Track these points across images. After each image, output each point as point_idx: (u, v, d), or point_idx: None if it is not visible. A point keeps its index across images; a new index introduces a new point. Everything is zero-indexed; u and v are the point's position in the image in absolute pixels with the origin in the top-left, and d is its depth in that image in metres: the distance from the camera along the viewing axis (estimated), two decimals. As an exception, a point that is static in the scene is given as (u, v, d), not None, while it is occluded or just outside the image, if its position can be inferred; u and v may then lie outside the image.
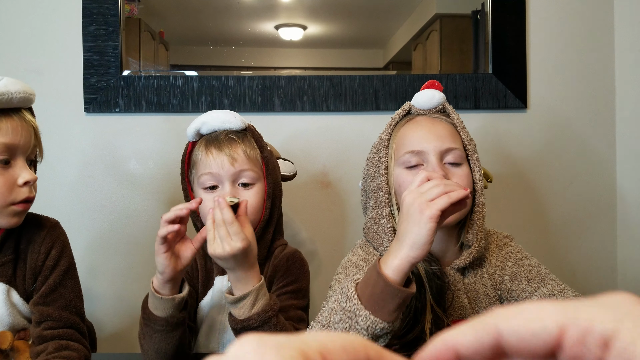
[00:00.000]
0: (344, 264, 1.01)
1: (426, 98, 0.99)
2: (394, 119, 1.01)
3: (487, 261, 0.98)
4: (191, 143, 1.08)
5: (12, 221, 0.91)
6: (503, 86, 1.46)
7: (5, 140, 0.87)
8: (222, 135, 1.02)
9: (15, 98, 0.88)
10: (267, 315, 0.88)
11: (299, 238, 1.46)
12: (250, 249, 0.88)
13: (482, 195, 0.94)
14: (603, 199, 1.52)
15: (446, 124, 0.98)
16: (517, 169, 1.50)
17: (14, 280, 0.95)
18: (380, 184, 0.96)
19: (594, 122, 1.51)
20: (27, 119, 0.92)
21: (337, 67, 1.49)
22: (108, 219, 1.42)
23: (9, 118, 0.88)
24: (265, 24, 1.46)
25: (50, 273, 0.96)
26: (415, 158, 0.94)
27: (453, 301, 0.95)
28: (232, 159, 0.99)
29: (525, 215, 1.50)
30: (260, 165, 1.04)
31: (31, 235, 0.97)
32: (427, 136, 0.95)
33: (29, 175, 0.90)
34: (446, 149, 0.94)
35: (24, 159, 0.92)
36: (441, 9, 1.48)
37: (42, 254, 0.96)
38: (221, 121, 1.03)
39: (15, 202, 0.90)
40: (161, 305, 0.88)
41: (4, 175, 0.88)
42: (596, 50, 1.51)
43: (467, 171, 0.95)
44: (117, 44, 1.40)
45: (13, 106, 0.89)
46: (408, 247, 0.76)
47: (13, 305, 0.94)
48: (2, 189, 0.88)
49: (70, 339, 0.94)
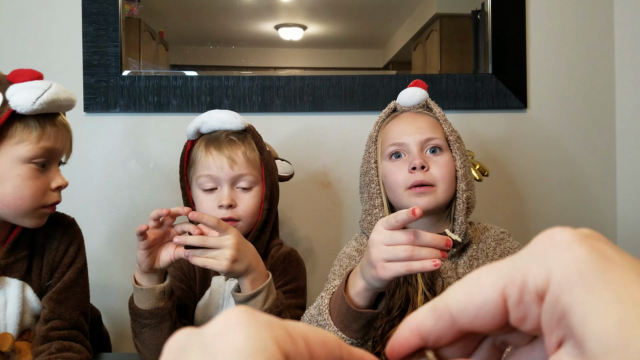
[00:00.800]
0: (339, 256, 1.05)
1: (408, 95, 1.06)
2: (381, 117, 1.07)
3: (483, 253, 1.01)
4: (190, 141, 1.08)
5: (38, 222, 0.93)
6: (503, 86, 1.46)
7: (48, 145, 0.89)
8: (223, 136, 1.02)
9: (63, 105, 0.90)
10: (277, 311, 0.89)
11: (298, 238, 1.46)
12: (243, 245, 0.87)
13: (462, 181, 0.99)
14: (603, 199, 1.52)
15: (428, 118, 1.04)
16: (517, 169, 1.50)
17: (29, 277, 0.96)
18: (371, 177, 1.02)
19: (593, 122, 1.51)
20: (67, 125, 0.94)
21: (337, 67, 1.49)
22: (108, 219, 1.42)
23: (53, 123, 0.90)
24: (265, 24, 1.46)
25: (66, 270, 0.98)
26: (398, 149, 1.00)
27: (444, 287, 0.97)
28: (231, 162, 0.99)
29: (525, 215, 1.50)
30: (259, 168, 1.04)
31: (49, 232, 0.98)
32: (408, 129, 1.01)
33: (61, 180, 0.92)
34: (426, 139, 0.99)
35: (57, 163, 0.94)
36: (441, 9, 1.48)
37: (61, 250, 0.98)
38: (221, 121, 1.03)
39: (46, 205, 0.91)
40: (143, 297, 0.89)
41: (40, 179, 0.89)
42: (596, 50, 1.51)
43: (447, 159, 1.00)
44: (117, 44, 1.40)
45: (58, 111, 0.92)
46: (365, 282, 0.76)
47: (26, 302, 0.95)
48: (38, 192, 0.89)
49: (75, 340, 0.95)
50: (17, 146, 0.87)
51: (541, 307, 0.21)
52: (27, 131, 0.87)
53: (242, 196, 1.01)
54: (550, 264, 0.21)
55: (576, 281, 0.20)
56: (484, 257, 1.01)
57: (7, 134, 0.86)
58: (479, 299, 0.23)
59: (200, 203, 1.03)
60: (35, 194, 0.89)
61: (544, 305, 0.21)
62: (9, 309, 0.93)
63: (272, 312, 0.88)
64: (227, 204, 0.99)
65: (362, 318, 0.76)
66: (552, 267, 0.21)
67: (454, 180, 0.99)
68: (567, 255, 0.21)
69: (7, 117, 0.84)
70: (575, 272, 0.20)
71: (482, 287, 0.23)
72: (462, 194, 0.99)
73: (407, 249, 0.70)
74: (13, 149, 0.86)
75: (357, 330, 0.77)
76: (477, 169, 1.23)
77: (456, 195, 1.00)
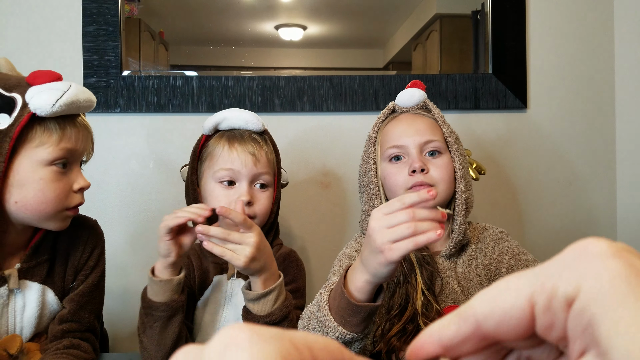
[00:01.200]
0: (339, 256, 1.05)
1: (407, 96, 1.06)
2: (380, 118, 1.07)
3: (482, 253, 1.02)
4: (205, 136, 1.08)
5: (62, 225, 0.92)
6: (503, 86, 1.46)
7: (69, 146, 0.88)
8: (247, 135, 1.03)
9: (83, 106, 0.89)
10: (287, 310, 0.90)
11: (298, 238, 1.46)
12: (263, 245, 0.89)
13: (461, 183, 0.99)
14: (603, 199, 1.52)
15: (426, 119, 1.04)
16: (516, 169, 1.50)
17: (51, 279, 0.96)
18: (370, 178, 1.02)
19: (594, 123, 1.51)
20: (87, 125, 0.93)
21: (337, 67, 1.49)
22: (107, 219, 1.41)
23: (73, 124, 0.89)
24: (265, 24, 1.46)
25: (90, 272, 0.99)
26: (397, 151, 1.00)
27: (443, 287, 0.98)
28: (255, 159, 1.01)
29: (525, 215, 1.50)
30: (275, 170, 1.07)
31: (72, 234, 0.98)
32: (407, 131, 1.01)
33: (84, 182, 0.92)
34: (425, 141, 1.00)
35: (79, 164, 0.93)
36: (441, 9, 1.48)
37: (86, 252, 0.99)
38: (244, 120, 1.04)
39: (69, 208, 0.91)
40: (161, 289, 0.89)
41: (62, 181, 0.89)
42: (596, 50, 1.51)
43: (446, 161, 1.00)
44: (117, 44, 1.40)
45: (78, 112, 0.91)
46: (369, 274, 0.75)
47: (45, 305, 0.95)
48: (61, 194, 0.88)
49: (86, 340, 0.96)
50: (37, 149, 0.86)
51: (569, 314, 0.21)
52: (47, 134, 0.86)
53: (259, 195, 1.03)
54: (583, 272, 0.21)
55: (607, 293, 0.20)
56: (482, 257, 1.01)
57: (27, 137, 0.85)
58: (506, 304, 0.22)
59: (216, 197, 1.02)
60: (59, 196, 0.88)
61: (570, 312, 0.21)
62: (27, 312, 0.93)
63: (281, 312, 0.90)
64: (247, 200, 1.00)
65: (362, 312, 0.77)
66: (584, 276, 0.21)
67: (452, 182, 1.00)
68: (601, 266, 0.21)
69: (27, 121, 0.83)
70: (608, 283, 0.20)
71: (509, 293, 0.23)
72: (461, 195, 0.99)
73: (409, 226, 0.71)
74: (34, 152, 0.85)
75: (357, 324, 0.77)
76: (474, 168, 1.23)
77: (455, 196, 1.01)
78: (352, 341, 0.80)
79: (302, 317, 0.86)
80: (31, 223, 0.90)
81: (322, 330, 0.79)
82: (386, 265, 0.72)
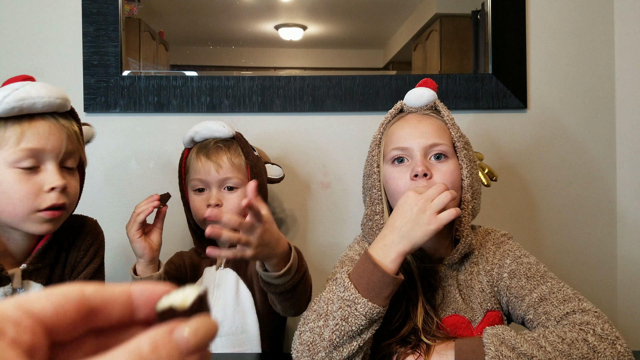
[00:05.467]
0: (341, 258, 1.03)
1: (416, 96, 1.01)
2: (387, 118, 1.03)
3: (483, 258, 0.99)
4: (187, 149, 1.20)
5: (42, 228, 0.89)
6: (503, 86, 1.46)
7: (30, 146, 0.85)
8: (211, 144, 1.14)
9: (39, 103, 0.85)
10: (303, 270, 0.95)
11: (298, 237, 1.46)
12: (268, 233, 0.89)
13: (467, 192, 0.94)
14: (603, 199, 1.52)
15: (435, 120, 0.98)
16: (516, 169, 1.50)
17: (53, 279, 0.97)
18: (373, 181, 0.99)
19: (593, 122, 1.51)
20: (60, 123, 0.89)
21: (337, 67, 1.49)
22: (107, 219, 1.41)
23: (34, 123, 0.86)
24: (265, 24, 1.46)
25: (83, 269, 1.00)
26: (401, 153, 0.96)
27: (444, 297, 0.96)
28: (217, 166, 1.12)
29: (525, 215, 1.50)
30: (244, 171, 1.15)
31: (73, 235, 1.00)
32: (413, 133, 0.96)
33: (55, 181, 0.87)
34: (430, 144, 0.94)
35: (56, 164, 0.89)
36: (441, 9, 1.48)
37: (82, 250, 1.00)
38: (211, 131, 1.15)
39: (41, 209, 0.87)
40: None
41: (28, 182, 0.86)
42: (596, 50, 1.51)
43: (452, 167, 0.94)
44: (117, 44, 1.41)
45: (38, 111, 0.87)
46: (408, 244, 0.83)
47: None
48: (26, 196, 0.86)
49: None
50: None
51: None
52: (4, 135, 0.84)
53: (228, 196, 1.13)
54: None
55: None
56: (484, 262, 0.98)
57: None
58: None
59: (193, 202, 1.16)
60: (25, 198, 0.85)
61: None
62: None
63: (300, 273, 0.93)
64: (214, 203, 1.11)
65: (393, 283, 0.82)
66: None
67: (458, 190, 0.94)
68: None
69: None
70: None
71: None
72: (468, 205, 0.93)
73: (446, 194, 0.84)
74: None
75: (387, 297, 0.82)
76: (486, 173, 1.18)
77: (461, 206, 0.94)
78: (377, 318, 0.82)
79: (318, 303, 0.84)
80: (12, 226, 0.89)
81: (350, 308, 0.80)
82: (430, 233, 0.82)
